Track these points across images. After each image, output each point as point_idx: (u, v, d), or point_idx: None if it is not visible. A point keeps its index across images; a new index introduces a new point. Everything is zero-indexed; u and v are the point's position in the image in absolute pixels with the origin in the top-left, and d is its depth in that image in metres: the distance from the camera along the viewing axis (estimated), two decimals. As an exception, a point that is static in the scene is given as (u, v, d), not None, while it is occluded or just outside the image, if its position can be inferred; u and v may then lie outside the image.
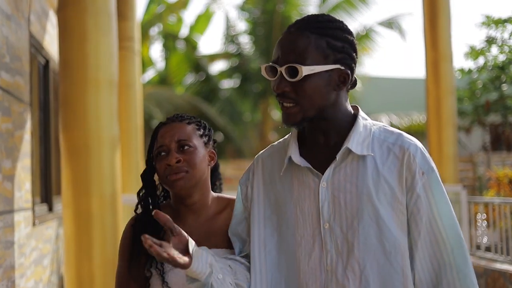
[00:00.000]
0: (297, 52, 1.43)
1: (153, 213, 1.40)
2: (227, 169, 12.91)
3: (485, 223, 7.06)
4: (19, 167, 4.15)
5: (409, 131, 14.67)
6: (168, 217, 1.42)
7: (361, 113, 1.53)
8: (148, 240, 1.33)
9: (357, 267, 1.42)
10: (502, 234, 6.43)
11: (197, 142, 1.78)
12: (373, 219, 1.43)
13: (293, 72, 1.42)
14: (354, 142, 1.45)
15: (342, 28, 1.48)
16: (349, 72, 1.46)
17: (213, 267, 1.46)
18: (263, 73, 1.48)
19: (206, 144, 1.82)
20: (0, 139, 3.67)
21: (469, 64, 24.85)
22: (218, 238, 1.73)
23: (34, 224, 4.65)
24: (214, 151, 1.86)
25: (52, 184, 5.79)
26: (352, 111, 1.54)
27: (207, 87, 15.49)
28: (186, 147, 1.76)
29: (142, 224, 1.75)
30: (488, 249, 6.78)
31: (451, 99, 8.23)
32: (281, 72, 1.44)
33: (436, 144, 8.11)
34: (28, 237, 4.45)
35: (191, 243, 1.44)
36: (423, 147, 1.50)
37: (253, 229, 1.56)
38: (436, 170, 1.48)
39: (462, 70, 10.92)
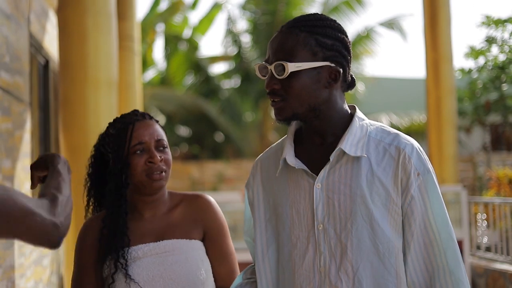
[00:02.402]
0: (285, 50, 1.45)
1: None
2: (228, 169, 12.89)
3: (485, 223, 7.05)
4: (19, 167, 4.15)
5: (409, 131, 14.66)
6: None
7: (358, 113, 1.51)
8: None
9: (350, 269, 1.41)
10: (502, 234, 6.42)
11: (167, 143, 1.83)
12: (367, 220, 1.42)
13: (281, 69, 1.44)
14: (348, 143, 1.44)
15: (332, 26, 1.47)
16: (340, 69, 1.45)
17: None
18: (257, 72, 1.50)
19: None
20: (0, 139, 3.66)
21: (469, 64, 24.83)
22: (176, 230, 1.77)
23: (34, 224, 4.63)
24: None
25: (52, 184, 5.77)
26: (349, 111, 1.52)
27: (208, 87, 15.47)
28: (164, 147, 1.79)
29: (111, 220, 1.74)
30: (488, 249, 6.77)
31: (451, 99, 8.24)
32: (271, 70, 1.46)
33: (436, 144, 8.09)
34: (28, 237, 4.43)
35: None
36: (420, 147, 1.48)
37: (256, 232, 1.55)
38: (433, 172, 1.46)
39: (462, 70, 10.89)
